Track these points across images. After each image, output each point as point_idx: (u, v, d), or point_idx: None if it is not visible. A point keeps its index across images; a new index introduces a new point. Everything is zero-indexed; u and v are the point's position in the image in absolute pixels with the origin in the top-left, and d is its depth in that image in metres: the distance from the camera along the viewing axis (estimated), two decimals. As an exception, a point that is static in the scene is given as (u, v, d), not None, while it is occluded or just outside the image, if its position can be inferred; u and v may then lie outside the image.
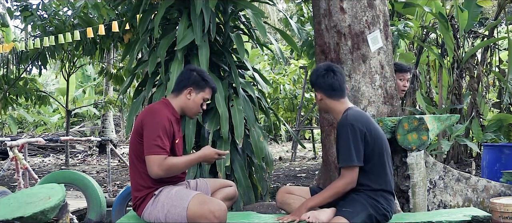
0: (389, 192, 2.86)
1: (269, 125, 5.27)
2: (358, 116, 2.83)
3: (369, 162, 2.80)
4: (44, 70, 9.43)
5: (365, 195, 2.79)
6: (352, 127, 2.77)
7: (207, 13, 4.04)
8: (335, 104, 2.92)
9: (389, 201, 2.84)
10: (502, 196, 3.75)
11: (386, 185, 2.84)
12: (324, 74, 2.90)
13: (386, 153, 2.88)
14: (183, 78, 2.98)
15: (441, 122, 3.79)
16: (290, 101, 13.24)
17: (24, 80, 9.62)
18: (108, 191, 6.05)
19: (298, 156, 11.37)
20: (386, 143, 2.90)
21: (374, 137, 2.81)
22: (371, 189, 2.80)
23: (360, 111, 2.94)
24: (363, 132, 2.77)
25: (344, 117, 2.84)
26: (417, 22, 7.32)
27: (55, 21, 7.77)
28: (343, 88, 2.92)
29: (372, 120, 2.91)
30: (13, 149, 4.38)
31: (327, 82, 2.89)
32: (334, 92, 2.90)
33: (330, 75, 2.89)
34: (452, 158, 7.43)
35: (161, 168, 2.69)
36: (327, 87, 2.90)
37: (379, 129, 2.92)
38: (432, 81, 8.46)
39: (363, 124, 2.79)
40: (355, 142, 2.75)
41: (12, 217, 2.76)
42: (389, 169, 2.88)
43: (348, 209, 2.77)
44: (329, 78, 2.89)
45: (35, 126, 18.56)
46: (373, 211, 2.76)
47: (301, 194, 3.08)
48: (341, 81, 2.91)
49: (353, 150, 2.75)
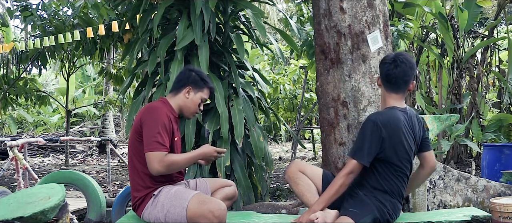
0: (397, 198, 2.84)
1: (269, 125, 5.28)
2: (387, 120, 2.75)
3: (383, 166, 2.78)
4: (44, 70, 9.43)
5: (373, 197, 2.78)
6: (375, 127, 2.72)
7: (207, 13, 4.04)
8: (387, 97, 2.87)
9: (395, 206, 2.83)
10: (502, 196, 3.76)
11: (396, 190, 2.82)
12: (389, 62, 2.81)
13: (407, 162, 2.82)
14: (182, 78, 2.99)
15: (441, 122, 3.79)
16: (290, 101, 13.23)
17: (24, 80, 9.62)
18: (108, 191, 6.05)
19: (298, 156, 11.37)
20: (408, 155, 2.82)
21: (395, 145, 2.75)
22: (380, 191, 2.79)
23: (396, 115, 2.78)
24: (381, 138, 2.71)
25: (377, 114, 2.82)
26: (417, 22, 7.32)
27: (55, 21, 7.77)
28: (398, 83, 2.80)
29: (402, 128, 2.77)
30: (13, 149, 4.38)
31: (384, 70, 2.81)
32: (388, 83, 2.83)
33: (391, 65, 2.78)
34: (452, 158, 7.44)
35: (162, 164, 2.68)
36: (384, 75, 2.83)
37: (406, 140, 2.79)
38: (432, 81, 8.46)
39: (388, 130, 2.72)
40: (369, 141, 2.71)
41: (12, 217, 2.76)
42: (404, 179, 2.85)
43: (355, 209, 2.75)
44: (390, 68, 2.79)
45: (35, 126, 18.56)
46: (378, 214, 2.75)
47: (313, 176, 3.02)
48: (400, 75, 2.78)
49: (365, 148, 2.72)
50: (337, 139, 3.54)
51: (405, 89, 2.86)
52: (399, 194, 2.86)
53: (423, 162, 3.04)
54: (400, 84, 2.82)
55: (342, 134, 3.52)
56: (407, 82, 2.83)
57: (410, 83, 2.86)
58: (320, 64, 3.67)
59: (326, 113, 3.61)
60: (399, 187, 2.84)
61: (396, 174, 2.81)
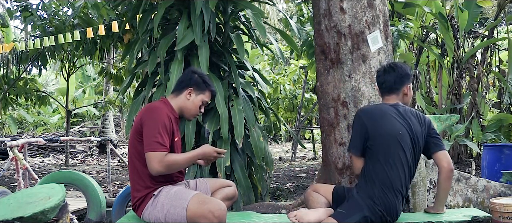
0: (389, 190, 2.78)
1: (269, 125, 5.27)
2: (369, 109, 2.98)
3: (372, 157, 2.82)
4: (44, 70, 9.43)
5: (363, 193, 2.79)
6: (357, 117, 2.94)
7: (207, 13, 4.04)
8: (381, 100, 3.09)
9: (386, 199, 2.77)
10: (502, 196, 3.76)
11: (385, 180, 2.78)
12: (381, 71, 3.06)
13: (395, 150, 2.81)
14: (184, 79, 3.00)
15: (441, 122, 3.79)
16: (290, 102, 13.24)
17: (24, 80, 9.63)
18: (108, 191, 6.05)
19: (298, 156, 11.37)
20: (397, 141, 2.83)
21: (378, 132, 2.82)
22: (370, 182, 2.79)
23: (379, 106, 3.01)
24: (365, 125, 2.86)
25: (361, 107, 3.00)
26: (417, 22, 7.33)
27: (55, 21, 7.77)
28: (389, 87, 3.01)
29: (387, 117, 2.88)
30: (13, 149, 4.38)
31: (380, 80, 3.06)
32: (381, 90, 3.06)
33: (383, 74, 3.03)
34: (452, 158, 7.41)
35: (162, 165, 2.68)
36: (380, 84, 3.06)
37: (391, 126, 2.85)
38: (432, 81, 8.46)
39: (369, 117, 2.88)
40: (354, 131, 2.93)
41: (12, 217, 2.76)
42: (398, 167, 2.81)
43: (343, 210, 2.79)
44: (381, 77, 3.05)
45: (35, 126, 18.58)
46: (368, 213, 2.74)
47: (325, 193, 3.13)
48: (388, 80, 3.00)
49: (352, 138, 2.94)
50: (337, 139, 3.54)
51: (397, 92, 3.01)
52: (391, 185, 2.78)
53: (437, 164, 3.00)
54: (390, 87, 3.01)
55: (342, 134, 3.52)
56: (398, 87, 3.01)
57: (403, 87, 3.01)
58: (320, 64, 3.67)
59: (326, 113, 3.61)
60: (390, 176, 2.78)
61: (385, 162, 2.79)
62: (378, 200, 2.76)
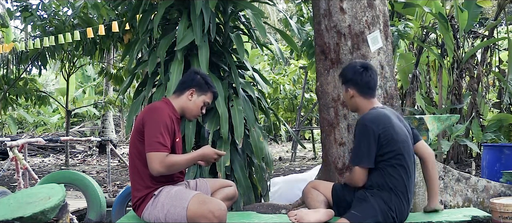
0: (403, 195, 2.79)
1: (269, 125, 5.27)
2: (376, 116, 2.80)
3: (385, 162, 2.77)
4: (44, 70, 9.44)
5: (378, 198, 2.75)
6: (365, 128, 2.76)
7: (207, 13, 4.04)
8: (365, 103, 2.92)
9: (401, 204, 2.78)
10: (502, 196, 3.76)
11: (400, 187, 2.77)
12: (362, 71, 2.89)
13: (407, 155, 2.80)
14: (186, 80, 3.00)
15: (441, 122, 3.79)
16: (290, 102, 13.24)
17: (24, 80, 9.62)
18: (108, 191, 6.05)
19: (298, 156, 11.37)
20: (407, 145, 2.82)
21: (391, 138, 2.75)
22: (385, 190, 2.75)
23: (381, 112, 2.86)
24: (377, 134, 2.73)
25: (363, 116, 2.86)
26: (417, 22, 7.33)
27: (55, 21, 7.77)
28: (375, 88, 2.96)
29: (393, 121, 2.82)
30: (13, 149, 4.38)
31: (365, 80, 2.89)
32: (369, 90, 2.91)
33: (367, 73, 2.89)
34: (452, 158, 7.44)
35: (163, 165, 2.68)
36: (364, 85, 2.89)
37: (400, 131, 2.82)
38: (432, 81, 8.46)
39: (378, 125, 2.75)
40: (365, 142, 2.75)
41: (12, 217, 2.76)
42: (409, 172, 2.81)
43: (357, 212, 2.75)
44: (367, 76, 2.89)
45: (35, 126, 18.57)
46: (382, 218, 2.72)
47: (325, 190, 3.08)
48: (376, 80, 2.94)
49: (361, 150, 2.76)
50: (337, 139, 3.54)
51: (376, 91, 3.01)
52: (405, 191, 2.79)
53: (419, 154, 3.00)
54: (375, 88, 2.98)
55: (342, 134, 3.52)
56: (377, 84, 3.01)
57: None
58: (320, 65, 3.67)
59: (326, 113, 3.61)
60: (404, 182, 2.78)
61: (399, 169, 2.77)
62: (393, 206, 2.75)
